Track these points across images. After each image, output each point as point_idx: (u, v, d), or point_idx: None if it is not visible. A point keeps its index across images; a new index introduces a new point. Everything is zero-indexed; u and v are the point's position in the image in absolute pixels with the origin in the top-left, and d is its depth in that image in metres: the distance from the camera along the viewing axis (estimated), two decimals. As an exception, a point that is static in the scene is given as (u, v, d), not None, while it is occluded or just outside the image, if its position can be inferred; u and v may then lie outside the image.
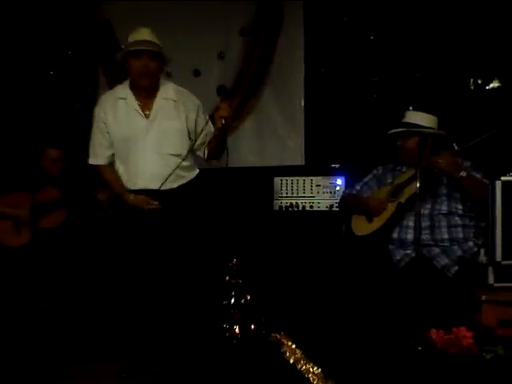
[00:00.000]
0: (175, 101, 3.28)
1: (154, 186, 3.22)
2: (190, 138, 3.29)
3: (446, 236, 3.29)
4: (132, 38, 3.26)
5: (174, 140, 3.26)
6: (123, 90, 3.32)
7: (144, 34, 3.24)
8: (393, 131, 3.48)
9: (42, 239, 3.79)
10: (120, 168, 3.32)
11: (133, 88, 3.29)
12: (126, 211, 3.29)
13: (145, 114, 3.25)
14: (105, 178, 3.39)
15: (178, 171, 3.23)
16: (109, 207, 3.87)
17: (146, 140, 3.22)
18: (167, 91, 3.30)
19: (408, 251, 3.30)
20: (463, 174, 3.21)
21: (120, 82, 4.59)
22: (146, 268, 3.24)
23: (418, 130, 3.40)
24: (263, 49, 4.53)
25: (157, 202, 3.23)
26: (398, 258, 3.33)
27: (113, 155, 3.33)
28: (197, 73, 4.61)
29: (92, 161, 3.39)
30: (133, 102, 3.28)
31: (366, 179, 3.68)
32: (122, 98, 3.30)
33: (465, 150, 3.25)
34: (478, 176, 3.30)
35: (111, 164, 3.35)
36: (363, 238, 3.48)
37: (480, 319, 2.79)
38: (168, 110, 3.26)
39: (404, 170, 3.52)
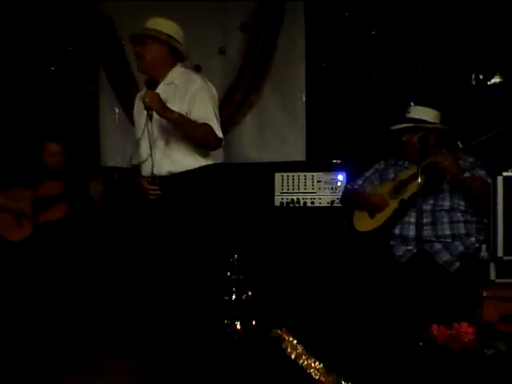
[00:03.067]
0: (176, 84, 3.22)
1: (147, 172, 3.23)
2: None
3: (447, 232, 3.28)
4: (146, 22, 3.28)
5: (169, 126, 3.17)
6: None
7: (145, 23, 3.25)
8: (399, 126, 3.47)
9: (43, 233, 3.80)
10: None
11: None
12: (122, 205, 3.29)
13: None
14: None
15: (170, 154, 3.17)
16: (101, 202, 3.88)
17: (145, 126, 3.20)
18: (171, 76, 3.25)
19: (410, 247, 3.30)
20: (467, 174, 3.22)
21: (121, 78, 4.67)
22: (144, 263, 3.25)
23: (425, 126, 3.40)
24: (264, 44, 4.51)
25: (155, 187, 3.21)
26: (400, 253, 3.32)
27: None
28: (197, 68, 4.58)
29: None
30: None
31: (367, 174, 3.67)
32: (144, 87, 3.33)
33: (469, 148, 3.25)
34: (482, 173, 3.31)
35: None
36: (365, 233, 3.48)
37: (481, 315, 2.79)
38: (167, 96, 3.18)
39: (406, 165, 3.51)
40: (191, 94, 3.17)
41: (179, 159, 3.20)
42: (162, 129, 3.19)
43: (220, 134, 3.20)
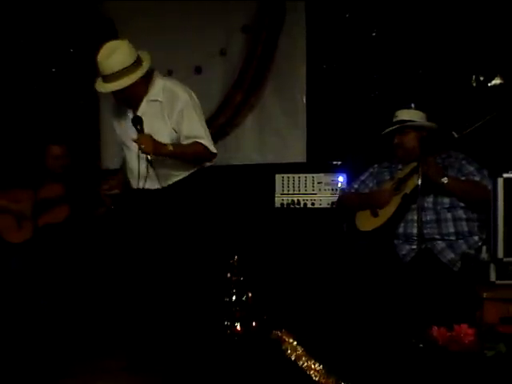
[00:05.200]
0: (161, 102, 3.20)
1: (142, 186, 3.24)
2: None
3: (451, 230, 3.28)
4: (100, 67, 3.15)
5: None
6: None
7: (102, 68, 3.14)
8: (389, 130, 3.50)
9: (44, 235, 3.81)
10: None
11: None
12: (127, 209, 3.31)
13: None
14: None
15: (163, 171, 3.19)
16: (111, 204, 3.88)
17: (132, 141, 3.21)
18: (154, 92, 3.22)
19: (413, 246, 3.30)
20: (444, 180, 3.24)
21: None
22: (143, 267, 3.26)
23: (414, 124, 3.43)
24: (265, 46, 4.52)
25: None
26: (404, 252, 3.33)
27: None
28: (198, 70, 4.60)
29: None
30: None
31: (362, 177, 3.68)
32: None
33: (464, 137, 3.26)
34: (471, 169, 3.33)
35: None
36: (368, 233, 3.47)
37: (481, 316, 2.79)
38: (152, 113, 3.19)
39: (400, 167, 3.53)
40: (178, 112, 3.17)
41: (172, 174, 3.24)
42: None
43: (214, 150, 3.24)
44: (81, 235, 3.95)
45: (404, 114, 3.52)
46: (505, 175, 2.83)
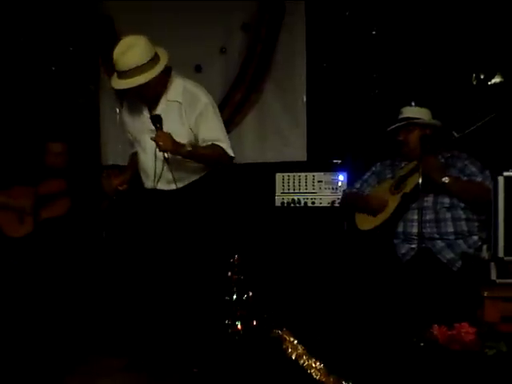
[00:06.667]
0: (180, 103, 3.18)
1: (155, 186, 3.26)
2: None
3: (451, 229, 3.29)
4: (116, 63, 3.07)
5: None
6: None
7: (119, 64, 3.05)
8: (394, 126, 3.49)
9: (45, 229, 3.83)
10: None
11: None
12: (139, 209, 3.33)
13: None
14: None
15: (178, 172, 3.19)
16: (114, 194, 3.88)
17: (147, 141, 3.19)
18: (174, 92, 3.20)
19: (413, 245, 3.30)
20: (445, 179, 3.25)
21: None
22: (149, 265, 3.27)
23: (419, 122, 3.44)
24: (265, 44, 4.51)
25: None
26: (403, 252, 3.33)
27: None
28: (198, 68, 4.60)
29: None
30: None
31: (365, 177, 3.70)
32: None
33: (464, 137, 3.27)
34: (474, 170, 3.34)
35: None
36: (368, 232, 3.48)
37: (482, 315, 2.79)
38: (171, 113, 3.17)
39: (403, 165, 3.54)
40: (198, 114, 3.16)
41: (186, 176, 3.25)
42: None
43: (232, 153, 3.23)
44: (83, 229, 3.96)
45: (410, 111, 3.53)
46: (505, 174, 2.83)
